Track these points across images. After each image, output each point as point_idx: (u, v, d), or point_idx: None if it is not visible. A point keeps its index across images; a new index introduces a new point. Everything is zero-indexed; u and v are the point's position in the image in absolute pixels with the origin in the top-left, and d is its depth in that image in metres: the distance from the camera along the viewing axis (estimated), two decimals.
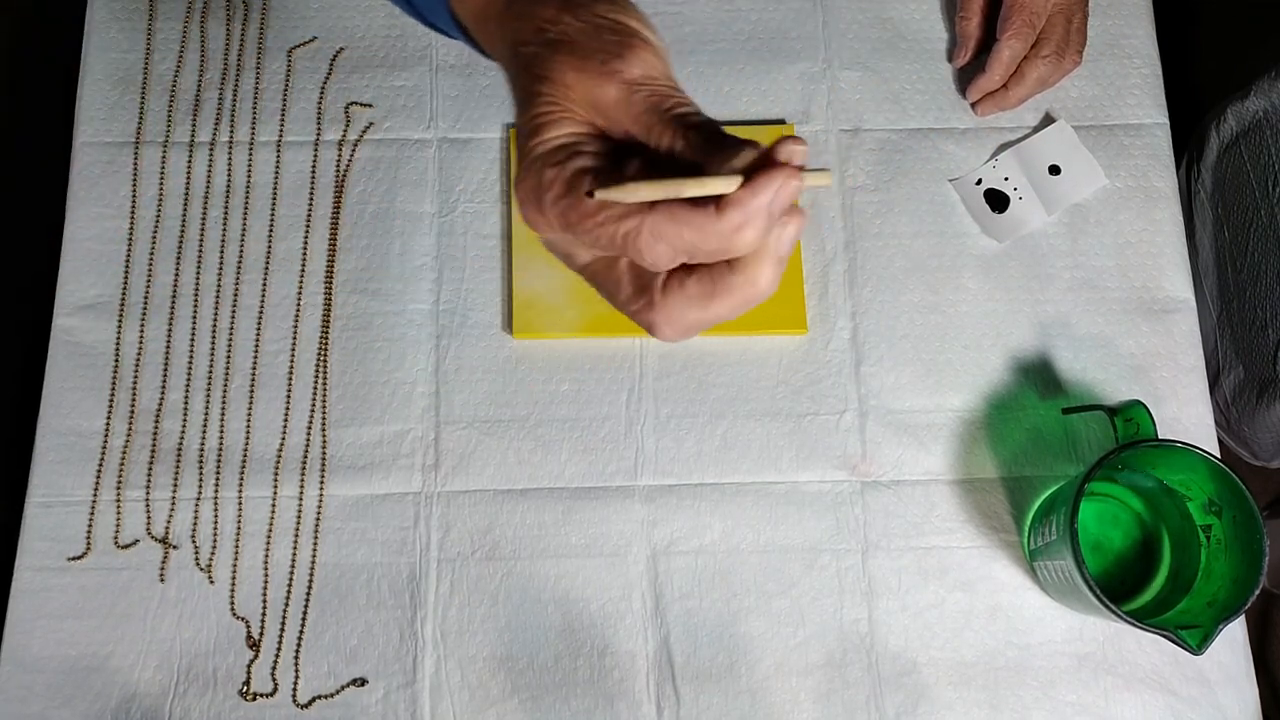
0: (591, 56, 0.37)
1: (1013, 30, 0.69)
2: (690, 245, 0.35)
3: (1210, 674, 0.63)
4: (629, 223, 0.35)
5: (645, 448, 0.67)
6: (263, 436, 0.67)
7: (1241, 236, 0.81)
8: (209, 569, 0.65)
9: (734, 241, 0.35)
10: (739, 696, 0.63)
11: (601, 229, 0.35)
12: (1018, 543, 0.66)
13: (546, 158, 0.37)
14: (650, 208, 0.35)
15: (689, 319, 0.37)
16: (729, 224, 0.34)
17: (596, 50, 0.37)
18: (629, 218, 0.35)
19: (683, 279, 0.37)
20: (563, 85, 0.37)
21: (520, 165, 0.37)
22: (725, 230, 0.34)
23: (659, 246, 0.35)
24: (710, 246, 0.35)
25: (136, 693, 0.62)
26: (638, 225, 0.35)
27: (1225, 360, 0.85)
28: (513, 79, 0.39)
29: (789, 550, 0.65)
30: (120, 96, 0.73)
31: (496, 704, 0.63)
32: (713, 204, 0.34)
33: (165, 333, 0.69)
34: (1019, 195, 0.71)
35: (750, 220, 0.34)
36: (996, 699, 0.63)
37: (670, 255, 0.35)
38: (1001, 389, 0.68)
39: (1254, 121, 0.79)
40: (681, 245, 0.35)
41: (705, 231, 0.34)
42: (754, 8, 0.75)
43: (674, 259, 0.35)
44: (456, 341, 0.69)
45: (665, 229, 0.35)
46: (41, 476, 0.66)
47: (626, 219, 0.35)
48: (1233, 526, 0.59)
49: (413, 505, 0.66)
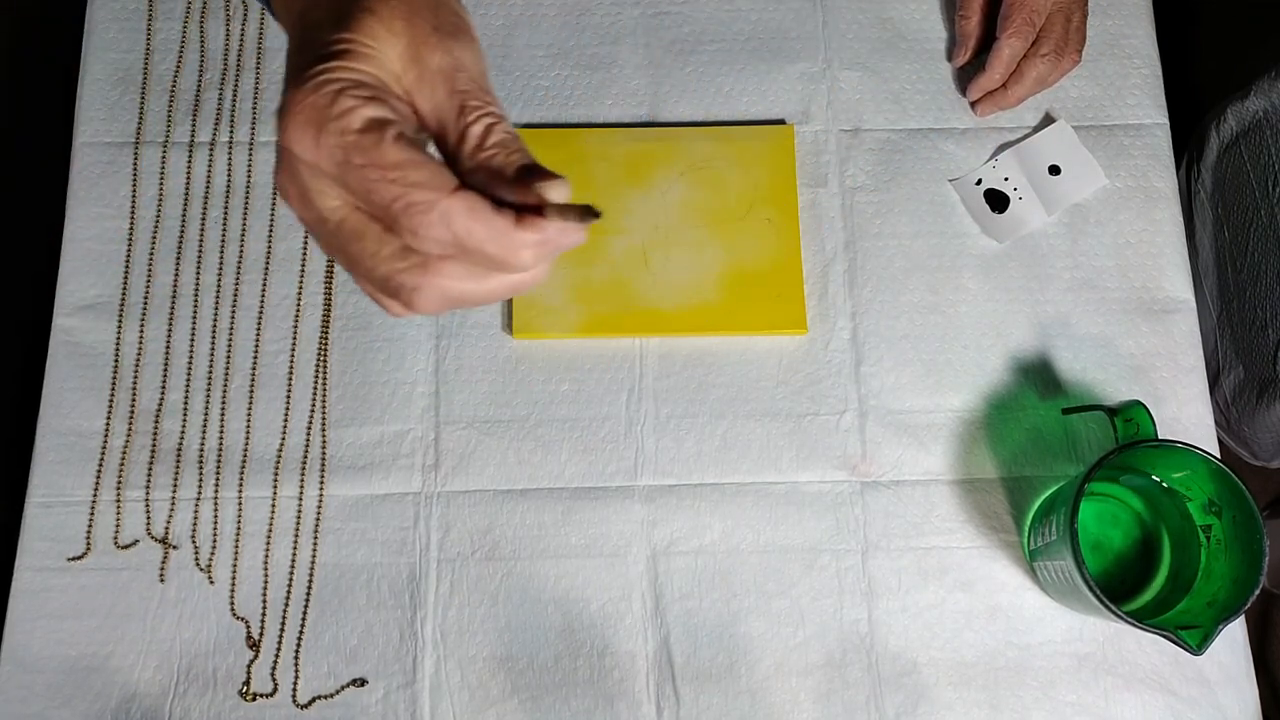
0: (425, 18, 0.36)
1: (1013, 29, 0.69)
2: (474, 242, 0.33)
3: (1210, 674, 0.63)
4: (422, 194, 0.33)
5: (645, 448, 0.67)
6: (263, 436, 0.67)
7: (1241, 236, 0.81)
8: (209, 569, 0.65)
9: (517, 255, 0.34)
10: (739, 696, 0.63)
11: (386, 185, 0.33)
12: (1018, 543, 0.66)
13: (351, 86, 0.34)
14: (454, 190, 0.33)
15: (457, 290, 0.35)
16: (521, 239, 0.33)
17: (431, 16, 0.36)
18: (424, 189, 0.33)
19: None
20: (386, 29, 0.35)
21: (303, 78, 0.34)
22: (514, 242, 0.33)
23: (440, 230, 0.33)
24: (491, 251, 0.33)
25: (136, 693, 0.62)
26: (432, 200, 0.33)
27: (1225, 360, 0.85)
28: (315, 4, 0.37)
29: (789, 550, 0.65)
30: (120, 96, 0.73)
31: (496, 704, 0.63)
32: (513, 213, 0.33)
33: (165, 333, 0.69)
34: (1019, 195, 0.71)
35: (543, 244, 0.34)
36: (996, 699, 0.63)
37: (445, 243, 0.33)
38: (1001, 389, 0.68)
39: (1254, 121, 0.79)
40: (465, 239, 0.33)
41: (496, 236, 0.33)
42: (754, 8, 0.75)
43: (442, 249, 0.34)
44: (456, 341, 0.69)
45: (459, 217, 0.33)
46: (41, 476, 0.66)
47: (422, 189, 0.33)
48: (1233, 526, 0.59)
49: (413, 505, 0.66)
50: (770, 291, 0.68)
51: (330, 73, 0.34)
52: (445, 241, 0.33)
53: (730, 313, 0.68)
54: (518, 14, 0.75)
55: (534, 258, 0.34)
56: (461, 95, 0.35)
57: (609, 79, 0.74)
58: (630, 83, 0.74)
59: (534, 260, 0.34)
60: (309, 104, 0.33)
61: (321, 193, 0.34)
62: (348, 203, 0.34)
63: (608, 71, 0.74)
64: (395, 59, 0.35)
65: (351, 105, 0.33)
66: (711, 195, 0.70)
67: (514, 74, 0.74)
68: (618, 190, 0.70)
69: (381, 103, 0.34)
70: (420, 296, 0.35)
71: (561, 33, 0.75)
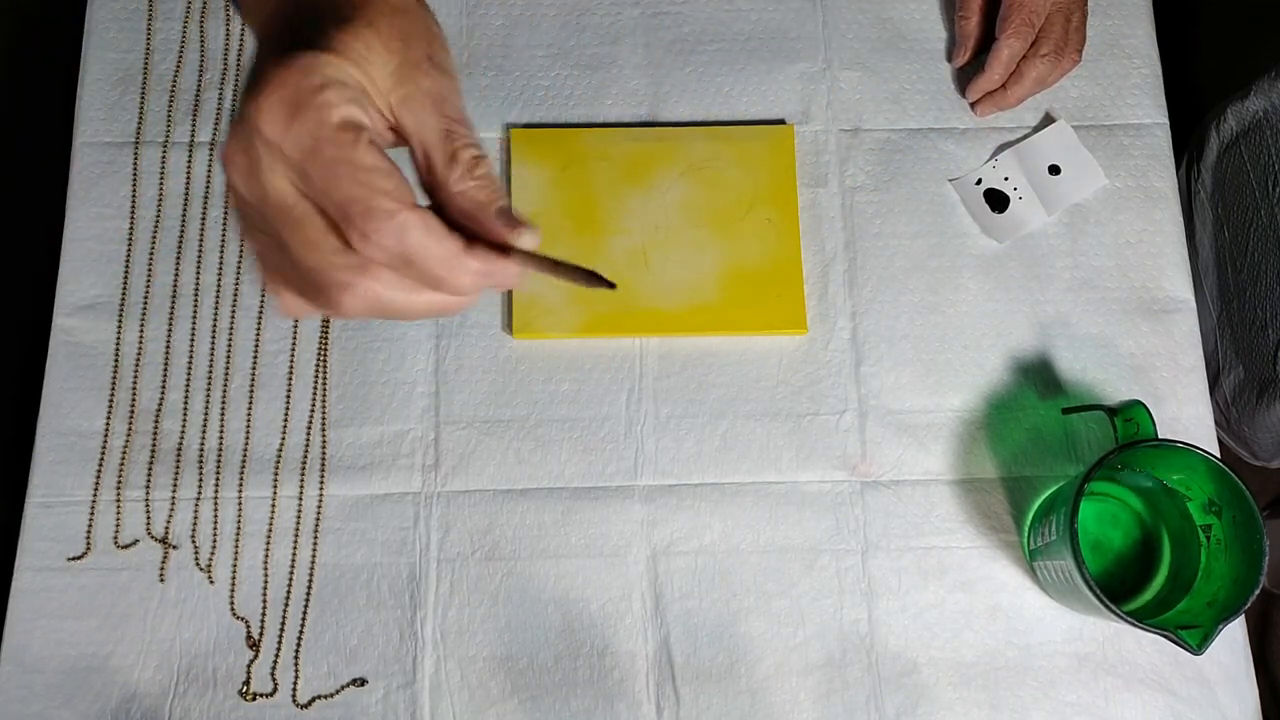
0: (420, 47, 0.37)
1: (1011, 29, 0.69)
2: (421, 257, 0.34)
3: (1210, 674, 0.63)
4: (386, 201, 0.33)
5: (645, 448, 0.67)
6: (263, 436, 0.67)
7: (1241, 236, 0.81)
8: (209, 569, 0.65)
9: (459, 278, 0.35)
10: (739, 696, 0.63)
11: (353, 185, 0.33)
12: (1018, 543, 0.66)
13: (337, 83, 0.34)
14: (415, 205, 0.34)
15: (386, 297, 0.35)
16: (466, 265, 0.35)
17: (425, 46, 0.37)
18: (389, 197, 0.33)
19: None
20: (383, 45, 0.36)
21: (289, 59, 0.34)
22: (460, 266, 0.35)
23: (393, 240, 0.33)
24: (435, 269, 0.34)
25: (136, 693, 0.62)
26: (393, 210, 0.33)
27: (1225, 360, 0.85)
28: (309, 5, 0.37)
29: (789, 550, 0.65)
30: (120, 96, 0.73)
31: (496, 704, 0.63)
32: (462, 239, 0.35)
33: (165, 333, 0.69)
34: (1019, 195, 0.71)
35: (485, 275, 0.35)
36: (996, 699, 0.63)
37: (391, 253, 0.34)
38: (1001, 389, 0.68)
39: (1254, 121, 0.79)
40: (414, 253, 0.34)
41: (445, 257, 0.34)
42: (754, 8, 0.75)
43: (387, 256, 0.34)
44: (456, 341, 0.69)
45: (415, 232, 0.34)
46: (41, 476, 0.66)
47: (387, 197, 0.33)
48: (1233, 526, 0.59)
49: (413, 505, 0.66)
50: (770, 291, 0.68)
51: (320, 63, 0.34)
52: (392, 251, 0.34)
53: (730, 313, 0.68)
54: (517, 14, 0.75)
55: (471, 285, 0.35)
56: (449, 121, 0.36)
57: (609, 79, 0.74)
58: (630, 83, 0.74)
59: (471, 287, 0.35)
60: (292, 84, 0.33)
61: (273, 172, 0.34)
62: (297, 189, 0.34)
63: (608, 71, 0.74)
64: (385, 75, 0.36)
65: (335, 100, 0.33)
66: (711, 195, 0.70)
67: (514, 74, 0.74)
68: (618, 190, 0.70)
69: (362, 108, 0.34)
70: (350, 295, 0.35)
71: (561, 33, 0.75)
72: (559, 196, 0.70)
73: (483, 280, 0.35)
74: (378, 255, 0.34)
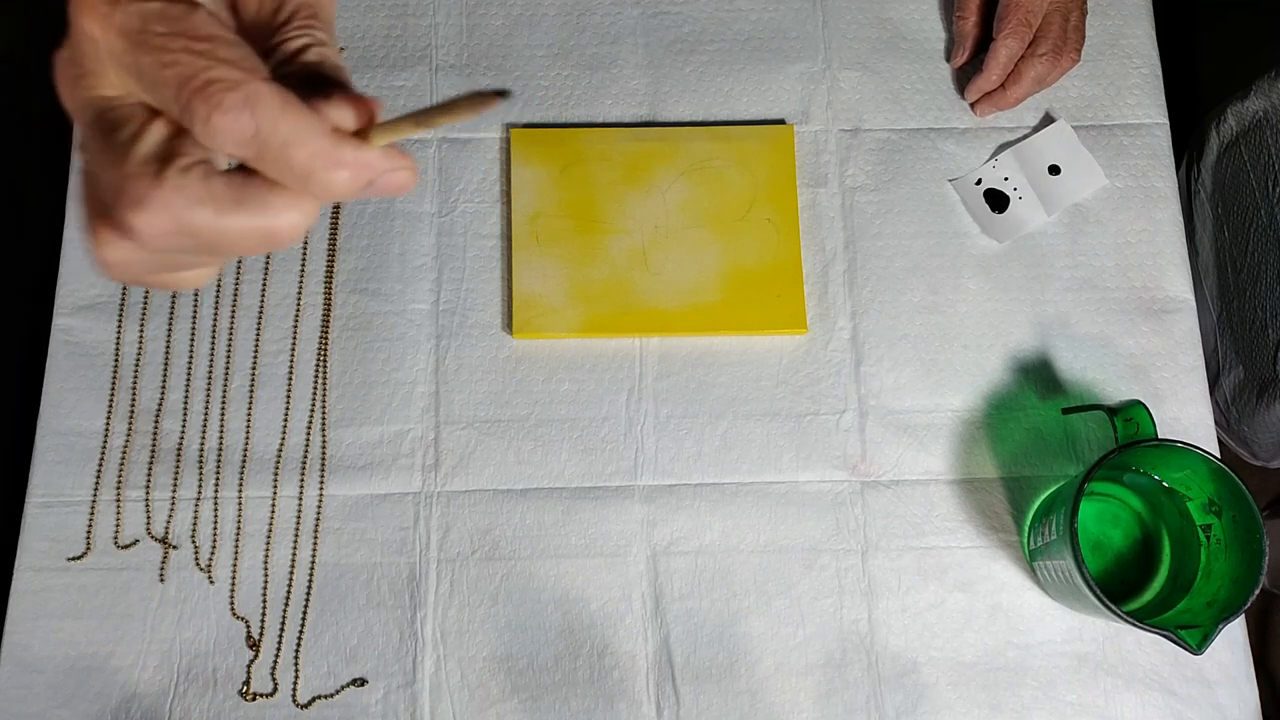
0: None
1: (1009, 29, 0.69)
2: (277, 141, 0.27)
3: (1210, 674, 0.63)
4: (229, 71, 0.27)
5: (645, 448, 0.67)
6: (263, 436, 0.67)
7: (1241, 236, 0.81)
8: (209, 569, 0.65)
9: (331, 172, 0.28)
10: (739, 696, 0.63)
11: (188, 57, 0.27)
12: (1018, 543, 0.66)
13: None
14: (267, 77, 0.28)
15: (189, 218, 0.28)
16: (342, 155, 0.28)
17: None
18: (233, 67, 0.27)
19: (210, 171, 0.28)
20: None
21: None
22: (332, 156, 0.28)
23: (240, 118, 0.27)
24: (296, 158, 0.27)
25: (136, 693, 0.62)
26: (239, 80, 0.27)
27: (1225, 360, 0.85)
28: None
29: (789, 550, 0.65)
30: None
31: (496, 704, 0.63)
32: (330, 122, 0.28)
33: (165, 333, 0.69)
34: (1019, 195, 0.71)
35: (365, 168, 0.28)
36: (996, 699, 0.63)
37: (241, 140, 0.27)
38: (1001, 389, 0.68)
39: (1254, 121, 0.79)
40: (268, 135, 0.27)
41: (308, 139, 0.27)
42: (754, 8, 0.75)
43: (239, 147, 0.27)
44: (456, 341, 0.69)
45: (268, 107, 0.27)
46: (41, 476, 0.66)
47: (230, 66, 0.27)
48: (1233, 526, 0.59)
49: (413, 505, 0.66)
50: (770, 291, 0.68)
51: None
52: (241, 136, 0.27)
53: (730, 312, 0.68)
54: (517, 14, 0.75)
55: (347, 183, 0.28)
56: (291, 10, 0.31)
57: (609, 79, 0.74)
58: (630, 83, 0.74)
59: (345, 186, 0.28)
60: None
61: (98, 77, 0.29)
62: (123, 96, 0.29)
63: (608, 71, 0.74)
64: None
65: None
66: (711, 195, 0.70)
67: (514, 74, 0.74)
68: (618, 190, 0.70)
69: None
70: (140, 213, 0.28)
71: (561, 33, 0.75)
72: (559, 196, 0.70)
73: (360, 176, 0.28)
74: (225, 144, 0.27)
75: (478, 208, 0.71)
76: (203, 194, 0.28)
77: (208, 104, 0.27)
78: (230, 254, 0.30)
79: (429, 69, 0.74)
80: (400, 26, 0.75)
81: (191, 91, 0.27)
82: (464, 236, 0.70)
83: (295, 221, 0.29)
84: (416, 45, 0.74)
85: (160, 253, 0.29)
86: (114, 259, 0.29)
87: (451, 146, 0.72)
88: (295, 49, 0.30)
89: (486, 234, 0.70)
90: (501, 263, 0.70)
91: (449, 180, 0.71)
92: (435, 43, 0.74)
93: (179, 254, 0.29)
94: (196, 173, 0.28)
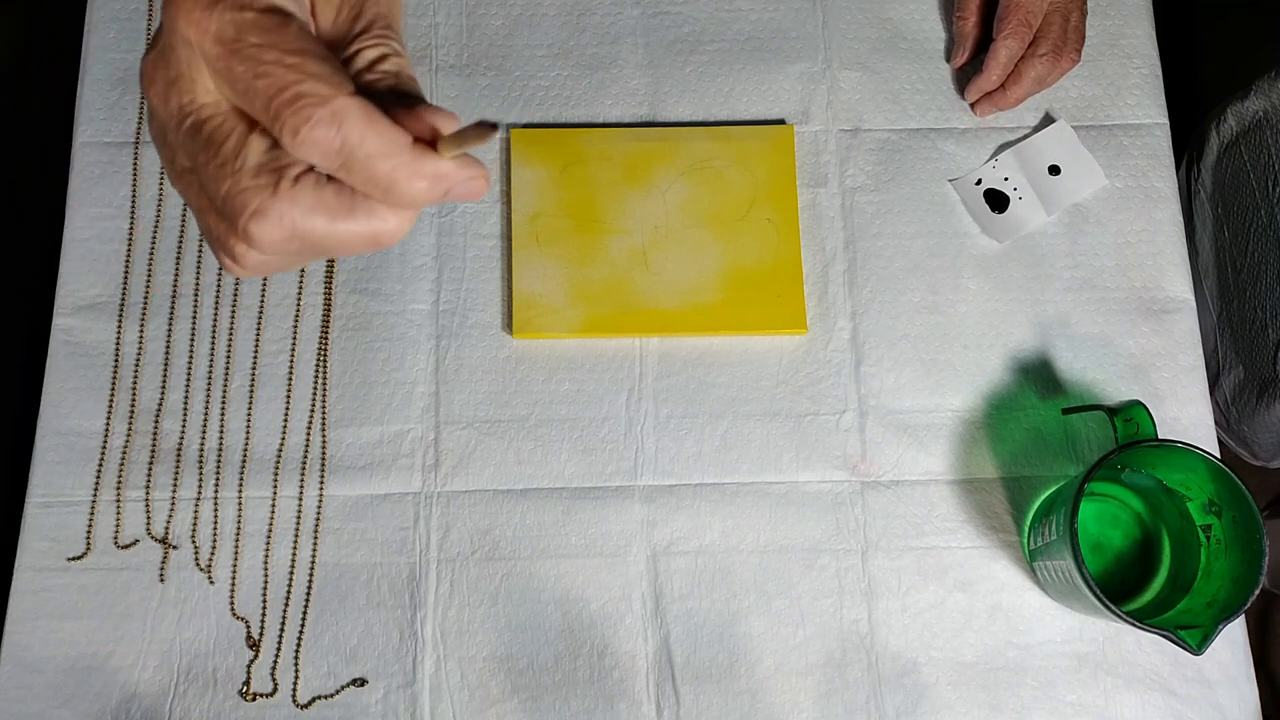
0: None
1: (1009, 30, 0.69)
2: (362, 154, 0.29)
3: (1210, 674, 0.63)
4: (317, 85, 0.28)
5: (645, 448, 0.67)
6: (263, 436, 0.67)
7: (1241, 236, 0.81)
8: (209, 569, 0.65)
9: (410, 184, 0.30)
10: (739, 696, 0.63)
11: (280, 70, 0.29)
12: (1018, 543, 0.66)
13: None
14: (352, 92, 0.29)
15: (305, 225, 0.30)
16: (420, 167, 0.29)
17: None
18: (321, 81, 0.29)
19: (320, 180, 0.30)
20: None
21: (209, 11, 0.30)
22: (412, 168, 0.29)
23: (327, 132, 0.28)
24: (380, 170, 0.29)
25: (136, 693, 0.62)
26: (326, 95, 0.28)
27: (1225, 360, 0.85)
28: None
29: (789, 550, 0.65)
30: (120, 96, 0.73)
31: (496, 704, 0.63)
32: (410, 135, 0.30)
33: (165, 333, 0.69)
34: (1019, 195, 0.71)
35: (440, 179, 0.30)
36: (996, 699, 0.63)
37: (327, 153, 0.29)
38: (1001, 389, 0.68)
39: (1254, 121, 0.79)
40: (354, 148, 0.29)
41: (391, 153, 0.29)
42: (754, 8, 0.75)
43: (325, 159, 0.29)
44: (456, 341, 0.69)
45: (354, 121, 0.28)
46: (41, 476, 0.66)
47: (318, 81, 0.29)
48: (1233, 526, 0.59)
49: (413, 505, 0.66)
50: (770, 291, 0.68)
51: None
52: (328, 149, 0.29)
53: (730, 312, 0.68)
54: (518, 14, 0.75)
55: (426, 192, 0.30)
56: (369, 21, 0.33)
57: (609, 79, 0.74)
58: (630, 83, 0.74)
59: (425, 195, 0.30)
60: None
61: (192, 82, 0.30)
62: (218, 102, 0.30)
63: (608, 71, 0.74)
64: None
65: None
66: (711, 195, 0.70)
67: (514, 74, 0.74)
68: (618, 190, 0.70)
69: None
70: (261, 224, 0.30)
71: (561, 33, 0.75)
72: (559, 196, 0.70)
73: (438, 187, 0.30)
74: (312, 156, 0.29)
75: (478, 208, 0.71)
76: (316, 203, 0.30)
77: (297, 117, 0.28)
78: (337, 255, 0.32)
79: (429, 69, 0.74)
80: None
81: (281, 104, 0.29)
82: (464, 236, 0.70)
83: (400, 225, 0.31)
84: (417, 45, 0.74)
85: (277, 256, 0.31)
86: (249, 264, 0.32)
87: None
88: (372, 59, 0.32)
89: (486, 234, 0.70)
90: (501, 263, 0.70)
91: None
92: (435, 43, 0.74)
93: (293, 257, 0.32)
94: (307, 182, 0.30)
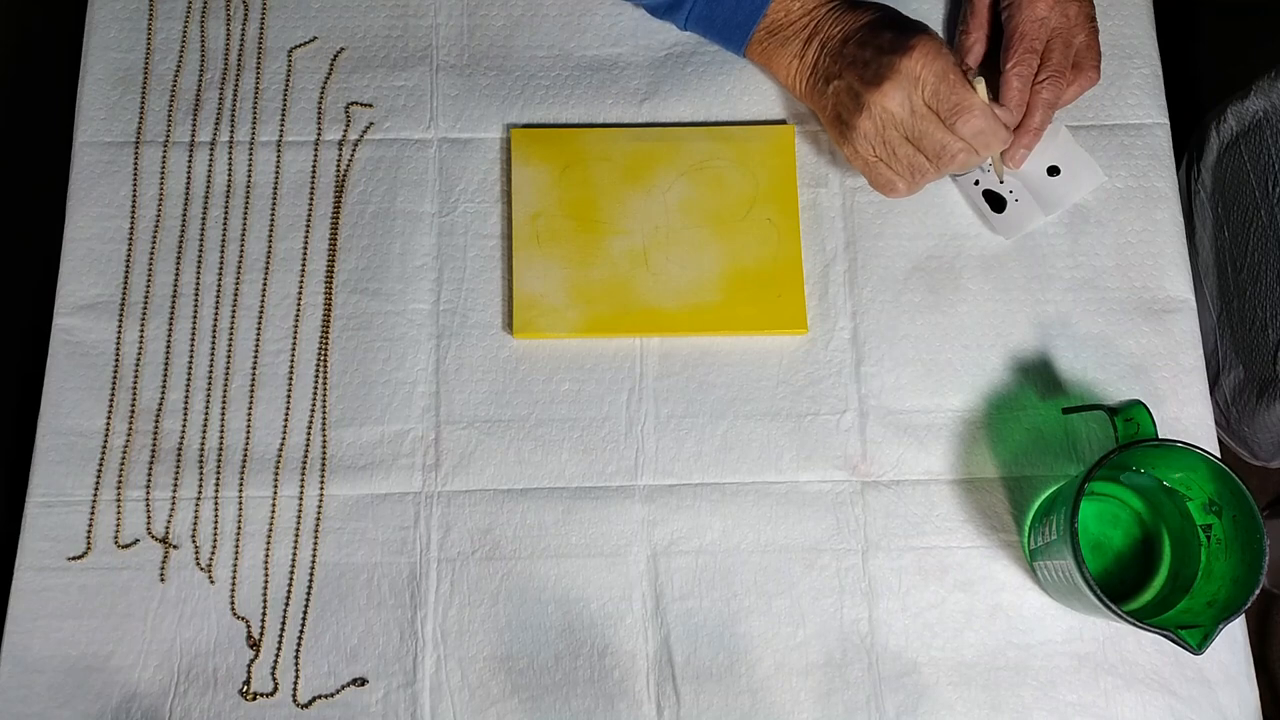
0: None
1: (1016, 58, 0.68)
2: (990, 131, 0.63)
3: (1210, 674, 0.63)
4: (970, 100, 0.63)
5: (645, 448, 0.67)
6: (263, 436, 0.67)
7: (1241, 236, 0.81)
8: (209, 569, 0.65)
9: (1003, 144, 0.65)
10: (739, 696, 0.63)
11: (959, 92, 0.62)
12: (1018, 543, 0.66)
13: (951, 58, 0.63)
14: (984, 101, 0.64)
15: (963, 158, 0.64)
16: (1008, 137, 0.65)
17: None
18: (971, 98, 0.63)
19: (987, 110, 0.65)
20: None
21: (923, 32, 0.64)
22: (1005, 138, 0.65)
23: (973, 123, 0.63)
24: (992, 141, 0.64)
25: (136, 693, 0.63)
26: (973, 105, 0.63)
27: (1225, 360, 0.85)
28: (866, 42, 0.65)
29: (789, 550, 0.65)
30: (120, 96, 0.73)
31: (496, 704, 0.63)
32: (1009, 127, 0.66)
33: (165, 333, 0.69)
34: (1015, 198, 0.71)
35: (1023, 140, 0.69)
36: (996, 699, 0.63)
37: (972, 131, 0.63)
38: (1001, 389, 0.68)
39: (1254, 121, 0.80)
40: (986, 130, 0.63)
41: (1000, 132, 0.64)
42: None
43: (971, 133, 0.63)
44: (456, 341, 0.69)
45: (989, 120, 0.63)
46: (41, 476, 0.66)
47: (970, 97, 0.62)
48: (1233, 526, 0.59)
49: (413, 505, 0.66)
50: (771, 291, 0.68)
51: (946, 51, 0.64)
52: (972, 130, 0.63)
53: (731, 312, 0.68)
54: (519, 14, 0.75)
55: (991, 145, 0.64)
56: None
57: (609, 79, 0.74)
58: (631, 83, 0.74)
59: (1001, 145, 0.65)
60: (930, 44, 0.63)
61: (915, 100, 0.63)
62: (907, 130, 0.64)
63: (608, 72, 0.74)
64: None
65: (944, 48, 0.64)
66: (712, 195, 0.70)
67: (515, 74, 0.74)
68: (618, 190, 0.70)
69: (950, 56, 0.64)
70: (960, 154, 0.63)
71: (562, 33, 0.75)
72: (559, 196, 0.70)
73: (1022, 144, 0.69)
74: (965, 131, 0.63)
75: (478, 208, 0.71)
76: (968, 146, 0.64)
77: (960, 119, 0.63)
78: (964, 163, 0.65)
79: (430, 69, 0.74)
80: (401, 26, 0.75)
81: (956, 110, 0.63)
82: (465, 236, 0.70)
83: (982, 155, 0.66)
84: (417, 45, 0.74)
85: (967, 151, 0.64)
86: (921, 183, 0.67)
87: (452, 146, 0.72)
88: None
89: (487, 234, 0.71)
90: (502, 263, 0.70)
91: (449, 180, 0.71)
92: (436, 43, 0.74)
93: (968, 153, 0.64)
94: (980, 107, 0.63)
